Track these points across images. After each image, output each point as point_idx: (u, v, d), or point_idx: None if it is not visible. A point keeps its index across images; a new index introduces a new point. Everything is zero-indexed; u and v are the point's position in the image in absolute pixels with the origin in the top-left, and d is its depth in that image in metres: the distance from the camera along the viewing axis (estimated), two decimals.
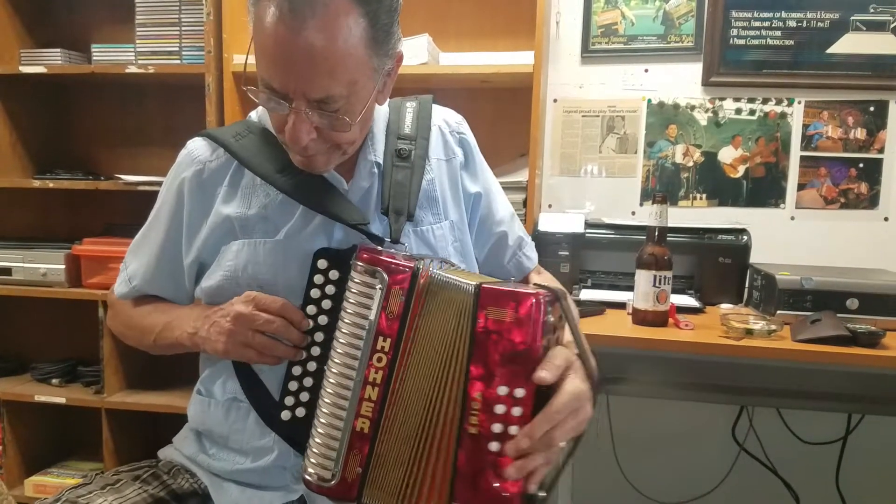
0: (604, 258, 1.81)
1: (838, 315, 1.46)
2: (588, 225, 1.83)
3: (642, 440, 2.09)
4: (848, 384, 1.49)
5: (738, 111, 2.03)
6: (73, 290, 2.00)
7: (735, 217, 2.01)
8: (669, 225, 1.53)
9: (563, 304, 0.85)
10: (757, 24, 1.98)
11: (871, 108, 1.97)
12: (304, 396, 0.91)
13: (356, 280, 0.86)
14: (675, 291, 1.58)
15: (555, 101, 2.10)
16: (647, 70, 2.05)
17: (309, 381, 0.91)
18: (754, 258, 1.78)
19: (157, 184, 1.08)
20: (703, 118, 2.04)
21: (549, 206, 2.12)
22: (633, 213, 2.09)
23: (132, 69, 1.95)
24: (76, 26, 2.24)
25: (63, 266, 2.00)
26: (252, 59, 0.88)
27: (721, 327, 1.47)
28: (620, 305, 1.65)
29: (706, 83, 2.02)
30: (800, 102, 2.00)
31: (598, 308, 1.62)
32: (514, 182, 1.87)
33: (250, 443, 0.98)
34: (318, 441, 0.86)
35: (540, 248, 1.79)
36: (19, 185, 2.07)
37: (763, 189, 2.04)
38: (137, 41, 2.00)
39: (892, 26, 1.93)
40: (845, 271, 1.72)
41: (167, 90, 2.21)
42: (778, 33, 1.98)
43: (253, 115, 1.09)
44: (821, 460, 2.00)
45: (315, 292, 0.91)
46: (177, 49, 1.98)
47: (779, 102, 2.01)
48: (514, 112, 2.00)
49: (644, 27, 2.04)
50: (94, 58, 2.05)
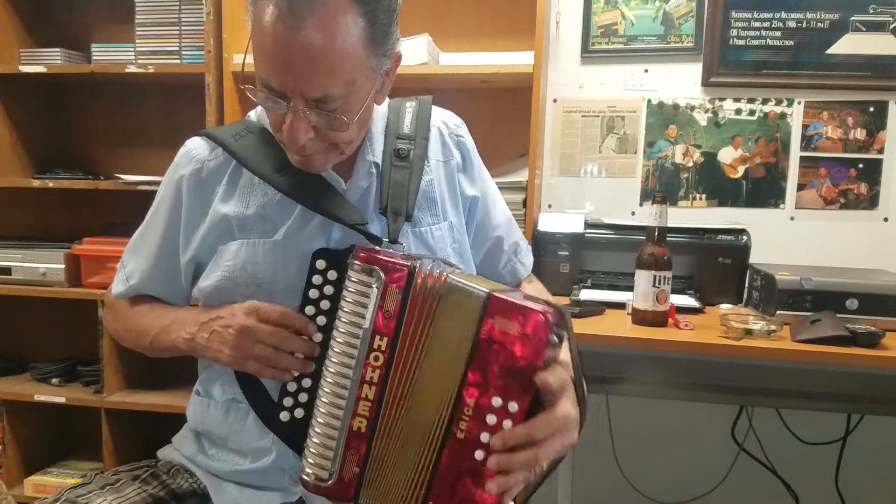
0: (603, 258, 1.82)
1: (838, 315, 1.46)
2: (588, 225, 1.84)
3: (642, 440, 2.09)
4: (847, 384, 1.49)
5: (738, 111, 2.03)
6: (72, 290, 2.00)
7: (735, 217, 2.00)
8: (669, 225, 1.53)
9: (567, 323, 0.84)
10: (757, 24, 1.98)
11: (871, 109, 1.97)
12: (303, 397, 0.90)
13: (353, 279, 0.86)
14: (674, 291, 1.58)
15: (555, 101, 2.10)
16: (646, 70, 2.05)
17: (307, 383, 0.91)
18: (754, 258, 1.78)
19: (157, 183, 1.08)
20: (702, 118, 2.04)
21: (549, 206, 2.12)
22: (633, 214, 2.09)
23: (132, 69, 1.95)
24: (76, 26, 2.24)
25: (63, 266, 2.00)
26: (250, 59, 0.88)
27: (721, 327, 1.47)
28: (620, 305, 1.65)
29: (706, 83, 2.02)
30: (799, 103, 2.00)
31: (597, 308, 1.62)
32: (513, 182, 1.87)
33: (249, 443, 0.98)
34: (315, 441, 0.86)
35: (540, 248, 1.81)
36: (19, 184, 2.07)
37: (763, 189, 2.04)
38: (137, 41, 2.00)
39: (891, 27, 1.93)
40: (845, 271, 1.72)
41: (167, 90, 2.21)
42: (778, 34, 1.98)
43: (252, 115, 1.08)
44: (820, 460, 2.00)
45: (313, 293, 0.91)
46: (177, 49, 1.98)
47: (778, 103, 2.00)
48: (514, 112, 2.00)
49: (644, 27, 2.04)
50: (94, 57, 2.05)
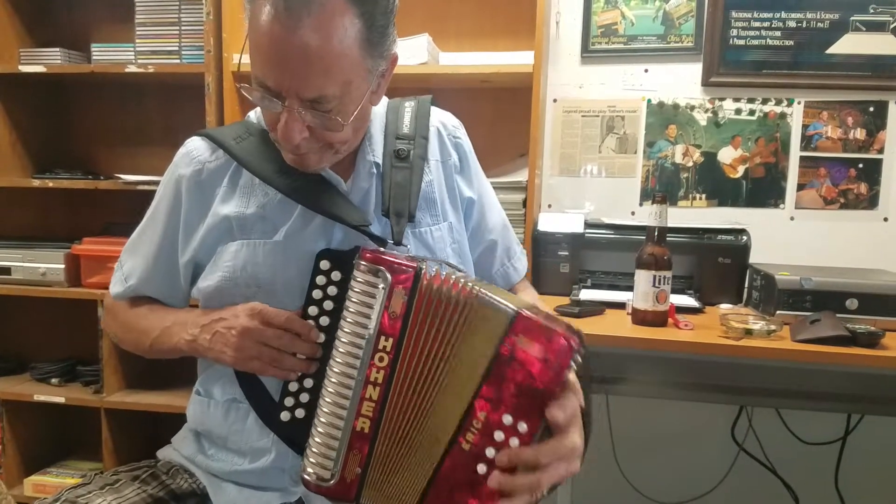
0: (603, 258, 1.82)
1: (838, 315, 1.46)
2: (588, 225, 1.84)
3: (642, 440, 2.09)
4: (847, 384, 1.49)
5: (738, 111, 2.03)
6: (72, 290, 2.00)
7: (735, 217, 2.00)
8: (669, 225, 1.53)
9: (586, 350, 0.84)
10: (757, 24, 1.98)
11: (871, 109, 1.97)
12: (304, 397, 0.90)
13: (359, 279, 0.86)
14: (674, 291, 1.58)
15: (554, 101, 2.10)
16: (646, 70, 2.05)
17: (309, 383, 0.90)
18: (754, 258, 1.78)
19: (157, 183, 1.08)
20: (702, 118, 2.04)
21: (549, 206, 2.12)
22: (633, 213, 2.09)
23: (132, 68, 1.95)
24: (76, 25, 2.23)
25: (62, 265, 2.00)
26: (247, 58, 0.88)
27: (720, 327, 1.47)
28: (620, 305, 1.65)
29: (706, 83, 2.02)
30: (799, 103, 2.00)
31: (597, 308, 1.62)
32: (513, 182, 1.87)
33: (249, 443, 0.98)
34: (317, 440, 0.86)
35: (539, 248, 1.81)
36: (19, 184, 2.07)
37: (762, 189, 2.04)
38: (137, 41, 2.00)
39: (891, 27, 1.93)
40: (845, 271, 1.72)
41: (167, 90, 2.20)
42: (778, 33, 1.98)
43: (251, 116, 1.08)
44: (820, 460, 2.00)
45: (317, 293, 0.91)
46: (176, 48, 1.98)
47: (778, 103, 2.01)
48: (514, 112, 2.00)
49: (644, 27, 2.04)
50: (94, 57, 2.05)
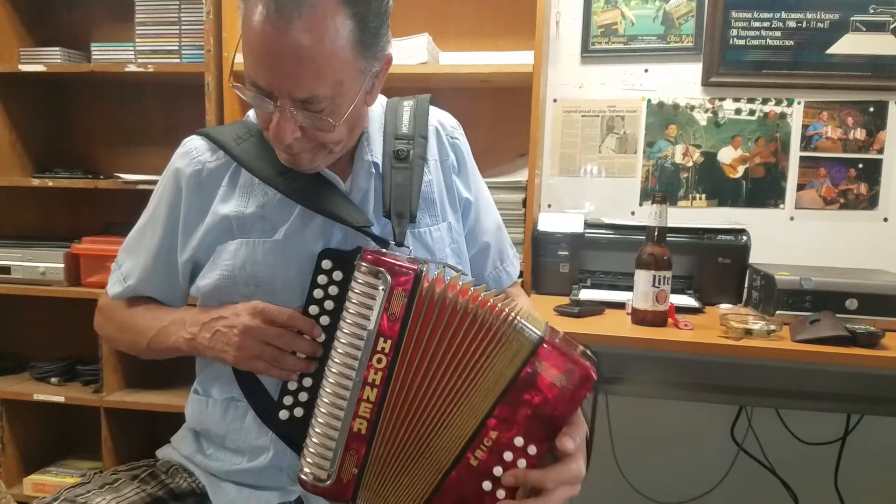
0: (603, 258, 1.82)
1: (837, 315, 1.46)
2: (587, 225, 1.84)
3: (641, 440, 2.09)
4: (847, 384, 1.49)
5: (738, 111, 2.03)
6: (72, 289, 2.00)
7: (734, 217, 2.00)
8: (669, 225, 1.53)
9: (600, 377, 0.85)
10: (757, 24, 1.98)
11: (871, 109, 1.97)
12: (303, 396, 0.90)
13: (359, 280, 0.86)
14: (674, 291, 1.58)
15: (554, 100, 2.10)
16: (646, 70, 2.05)
17: (308, 382, 0.90)
18: (754, 258, 1.78)
19: (157, 182, 1.08)
20: (702, 118, 2.04)
21: (549, 206, 2.12)
22: (633, 213, 2.09)
23: (132, 68, 1.95)
24: (76, 25, 2.23)
25: (62, 265, 2.00)
26: (240, 58, 0.88)
27: (720, 327, 1.47)
28: (620, 305, 1.65)
29: (706, 83, 2.02)
30: (799, 103, 2.00)
31: (597, 308, 1.62)
32: (513, 182, 1.87)
33: (247, 442, 0.98)
34: (314, 441, 0.86)
35: (539, 247, 1.81)
36: (19, 183, 2.07)
37: (762, 189, 2.04)
38: (137, 40, 2.00)
39: (891, 27, 1.93)
40: (844, 272, 1.72)
41: (167, 89, 2.20)
42: (778, 34, 1.98)
43: (251, 115, 1.08)
44: (819, 460, 2.00)
45: (318, 293, 0.91)
46: (176, 48, 1.98)
47: (778, 103, 2.00)
48: (514, 112, 2.00)
49: (644, 27, 2.04)
50: (94, 56, 2.05)
